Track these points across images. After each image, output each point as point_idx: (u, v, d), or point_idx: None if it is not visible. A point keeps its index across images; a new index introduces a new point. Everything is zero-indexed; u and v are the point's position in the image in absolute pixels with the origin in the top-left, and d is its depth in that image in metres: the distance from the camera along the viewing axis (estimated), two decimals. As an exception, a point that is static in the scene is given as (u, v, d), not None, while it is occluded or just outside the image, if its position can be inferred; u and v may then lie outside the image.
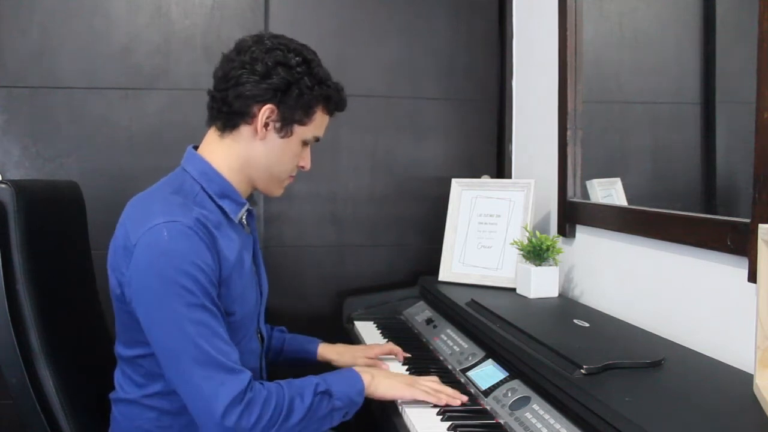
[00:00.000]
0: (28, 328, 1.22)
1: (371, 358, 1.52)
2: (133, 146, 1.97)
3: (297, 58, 1.23)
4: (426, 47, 2.14)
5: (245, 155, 1.26)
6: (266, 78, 1.21)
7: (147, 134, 1.98)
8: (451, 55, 2.16)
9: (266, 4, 2.04)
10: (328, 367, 1.55)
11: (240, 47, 1.25)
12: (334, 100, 1.30)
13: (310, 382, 1.20)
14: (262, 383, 1.16)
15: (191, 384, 1.10)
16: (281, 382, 1.19)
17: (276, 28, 2.03)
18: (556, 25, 1.78)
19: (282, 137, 1.25)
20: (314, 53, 1.29)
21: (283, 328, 1.61)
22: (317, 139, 1.32)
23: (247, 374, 1.13)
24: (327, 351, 1.56)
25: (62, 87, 1.94)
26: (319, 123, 1.29)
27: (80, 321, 1.41)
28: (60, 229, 1.41)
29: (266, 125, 1.23)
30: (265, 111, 1.22)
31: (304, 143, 1.29)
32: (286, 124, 1.24)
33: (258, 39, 1.25)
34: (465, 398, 1.27)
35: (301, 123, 1.26)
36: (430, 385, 1.28)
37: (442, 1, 2.14)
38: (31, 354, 1.22)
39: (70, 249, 1.45)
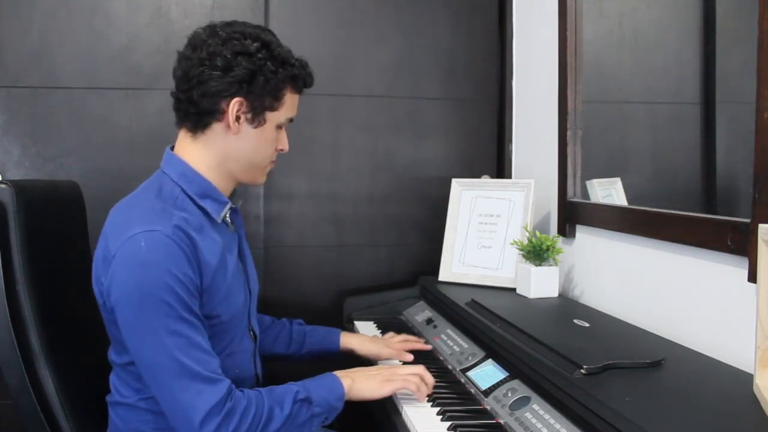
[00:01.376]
0: (28, 328, 1.22)
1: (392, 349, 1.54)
2: (133, 146, 1.97)
3: (256, 44, 1.20)
4: (426, 47, 2.14)
5: (222, 152, 1.24)
6: (228, 71, 1.18)
7: (147, 134, 1.98)
8: (451, 55, 2.16)
9: (266, 4, 2.04)
10: (350, 357, 1.57)
11: (194, 43, 1.22)
12: (300, 78, 1.26)
13: (290, 390, 1.19)
14: (242, 391, 1.15)
15: (169, 394, 1.10)
16: (261, 390, 1.18)
17: (276, 28, 2.00)
18: (556, 25, 1.78)
19: (255, 127, 1.23)
20: (272, 34, 1.26)
21: (301, 321, 1.62)
22: (291, 120, 1.30)
23: (226, 383, 1.12)
24: (349, 339, 1.57)
25: (62, 87, 1.94)
26: (290, 104, 1.26)
27: (80, 321, 1.41)
28: (60, 229, 1.41)
29: (238, 119, 1.21)
30: (234, 105, 1.19)
31: (279, 127, 1.27)
32: (257, 113, 1.22)
33: (211, 31, 1.22)
34: (432, 381, 1.29)
35: (272, 108, 1.23)
36: (397, 387, 1.27)
37: (442, 1, 2.14)
38: (31, 354, 1.22)
39: (70, 249, 1.45)
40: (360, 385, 1.26)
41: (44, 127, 1.94)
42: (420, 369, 1.32)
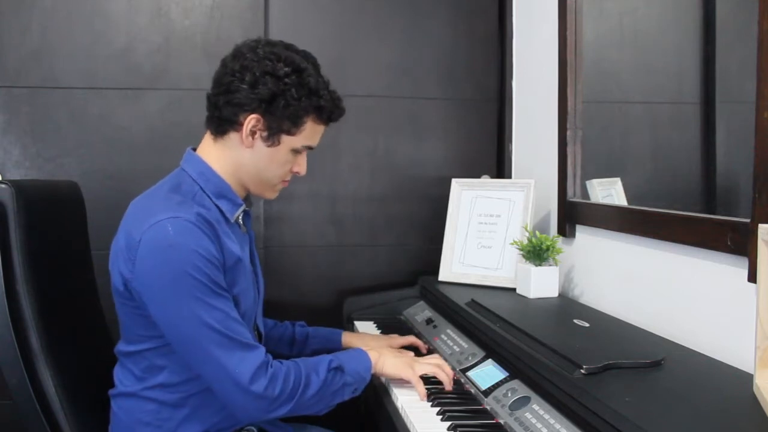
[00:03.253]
0: (28, 328, 1.22)
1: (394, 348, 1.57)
2: (133, 146, 1.97)
3: (286, 69, 1.23)
4: (426, 47, 2.14)
5: (236, 160, 1.28)
6: (254, 87, 1.22)
7: (147, 134, 1.98)
8: (451, 55, 2.16)
9: (266, 4, 2.04)
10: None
11: (236, 53, 1.27)
12: (327, 111, 1.29)
13: (323, 358, 1.27)
14: (280, 361, 1.22)
15: (213, 365, 1.15)
16: (296, 359, 1.25)
17: (275, 27, 2.03)
18: (556, 24, 1.78)
19: (269, 146, 1.26)
20: (310, 62, 1.29)
21: (303, 323, 1.65)
22: (310, 148, 1.32)
23: (262, 348, 1.20)
24: (351, 339, 1.62)
25: (62, 87, 1.94)
26: (309, 133, 1.29)
27: (80, 321, 1.41)
28: (60, 229, 1.41)
29: (252, 134, 1.25)
30: (251, 120, 1.23)
31: (295, 151, 1.30)
32: (272, 133, 1.25)
33: (253, 46, 1.26)
34: (450, 388, 1.33)
35: (289, 133, 1.26)
36: (426, 370, 1.33)
37: (442, 1, 2.14)
38: (31, 354, 1.22)
39: (70, 249, 1.45)
40: (386, 360, 1.33)
41: (44, 127, 1.94)
42: (439, 360, 1.39)
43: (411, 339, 1.62)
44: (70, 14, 1.94)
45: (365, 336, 1.66)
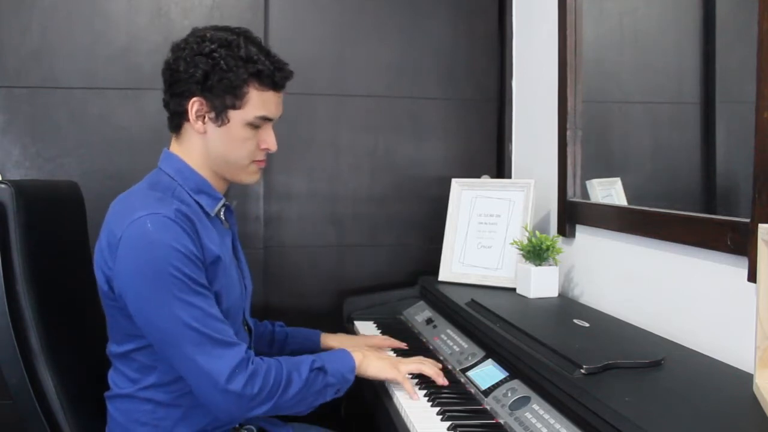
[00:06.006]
0: (28, 328, 1.22)
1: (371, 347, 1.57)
2: (133, 146, 1.97)
3: (212, 45, 1.22)
4: (426, 47, 2.14)
5: (199, 152, 1.28)
6: (186, 72, 1.22)
7: (147, 134, 1.98)
8: (451, 55, 2.16)
9: (266, 4, 2.04)
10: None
11: (172, 48, 1.28)
12: (267, 74, 1.24)
13: (306, 358, 1.26)
14: (261, 358, 1.21)
15: (191, 364, 1.14)
16: (279, 358, 1.24)
17: (276, 28, 2.03)
18: (556, 25, 1.78)
19: (220, 126, 1.25)
20: (242, 36, 1.26)
21: (282, 323, 1.65)
22: (268, 119, 1.28)
23: (243, 346, 1.18)
24: (329, 339, 1.62)
25: (62, 87, 1.94)
26: (257, 102, 1.24)
27: (80, 321, 1.41)
28: (60, 228, 1.41)
29: (201, 118, 1.24)
30: (193, 104, 1.23)
31: (251, 125, 1.26)
32: (219, 112, 1.24)
33: (185, 38, 1.27)
34: (445, 381, 1.33)
35: (235, 107, 1.23)
36: (411, 368, 1.34)
37: (442, 1, 2.14)
38: (31, 354, 1.22)
39: (70, 249, 1.45)
40: (370, 361, 1.33)
41: (44, 127, 1.94)
42: (421, 358, 1.39)
43: (390, 342, 1.61)
44: (70, 14, 1.93)
45: (342, 336, 1.67)
